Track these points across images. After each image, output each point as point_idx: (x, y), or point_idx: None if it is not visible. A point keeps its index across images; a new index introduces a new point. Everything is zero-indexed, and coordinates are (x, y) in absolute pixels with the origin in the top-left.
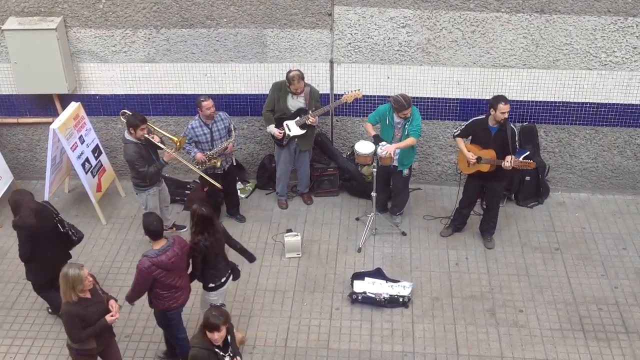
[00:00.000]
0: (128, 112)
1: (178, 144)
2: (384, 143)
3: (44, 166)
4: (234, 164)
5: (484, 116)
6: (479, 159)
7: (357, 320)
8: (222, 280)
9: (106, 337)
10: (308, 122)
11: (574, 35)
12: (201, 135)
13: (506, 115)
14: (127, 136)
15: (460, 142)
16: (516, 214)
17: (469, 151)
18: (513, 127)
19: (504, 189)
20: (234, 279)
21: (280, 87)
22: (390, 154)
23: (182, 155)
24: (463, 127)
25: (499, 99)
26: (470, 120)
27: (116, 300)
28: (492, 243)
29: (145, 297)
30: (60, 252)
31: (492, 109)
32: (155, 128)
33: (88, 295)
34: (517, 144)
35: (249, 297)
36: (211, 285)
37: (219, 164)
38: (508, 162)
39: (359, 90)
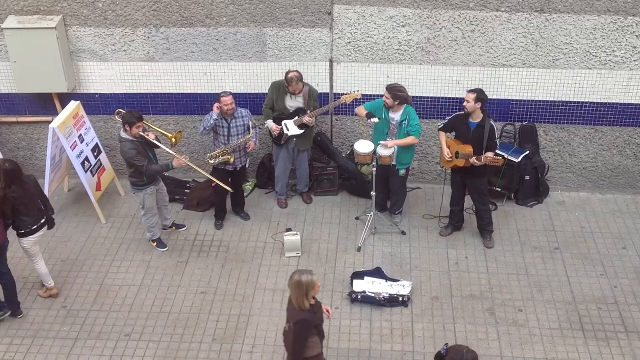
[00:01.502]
0: (123, 111)
1: (173, 139)
2: (375, 119)
3: (44, 165)
4: (247, 165)
5: (464, 112)
6: (456, 154)
7: (357, 319)
8: (34, 227)
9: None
10: (304, 120)
11: (573, 35)
12: (219, 128)
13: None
14: (123, 134)
15: (442, 136)
16: (515, 213)
17: (448, 146)
18: (493, 123)
19: (487, 184)
20: (48, 228)
21: (278, 87)
22: (391, 154)
23: (191, 161)
24: (446, 121)
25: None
26: (453, 114)
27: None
28: (492, 242)
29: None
30: None
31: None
32: (151, 125)
33: (312, 301)
34: (496, 140)
35: (248, 296)
36: (23, 231)
37: (232, 159)
38: (475, 158)
39: (357, 90)
